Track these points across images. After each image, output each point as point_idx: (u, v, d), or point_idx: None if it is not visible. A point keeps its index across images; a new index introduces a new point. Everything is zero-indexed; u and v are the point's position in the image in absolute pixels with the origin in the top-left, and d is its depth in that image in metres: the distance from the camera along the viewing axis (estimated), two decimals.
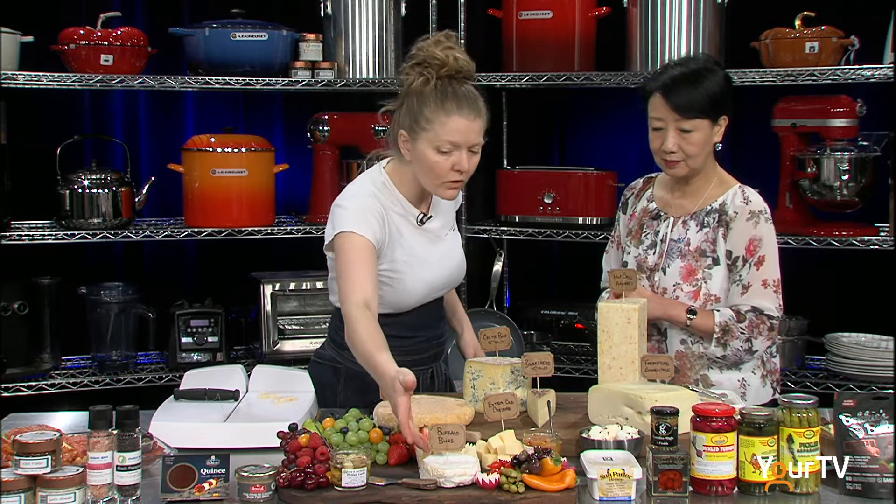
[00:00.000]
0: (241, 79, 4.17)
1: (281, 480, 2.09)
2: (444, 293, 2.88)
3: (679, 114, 2.80)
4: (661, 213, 2.98)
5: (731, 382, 2.84)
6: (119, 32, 4.10)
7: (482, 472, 2.09)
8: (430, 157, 2.60)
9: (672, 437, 2.14)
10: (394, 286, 2.70)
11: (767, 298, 2.80)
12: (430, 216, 2.76)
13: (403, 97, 2.64)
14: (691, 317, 2.81)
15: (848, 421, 2.15)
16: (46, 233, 4.08)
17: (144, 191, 4.23)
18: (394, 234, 2.68)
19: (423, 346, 2.83)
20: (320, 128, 4.29)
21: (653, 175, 3.06)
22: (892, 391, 2.27)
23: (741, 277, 2.82)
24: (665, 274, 2.90)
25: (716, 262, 2.86)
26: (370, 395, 2.57)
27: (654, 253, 2.94)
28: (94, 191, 4.11)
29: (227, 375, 2.77)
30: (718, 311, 2.80)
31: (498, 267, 4.36)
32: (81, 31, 4.06)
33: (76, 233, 4.06)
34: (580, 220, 4.26)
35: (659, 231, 2.96)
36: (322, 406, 2.74)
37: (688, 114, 2.79)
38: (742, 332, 2.78)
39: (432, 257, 2.75)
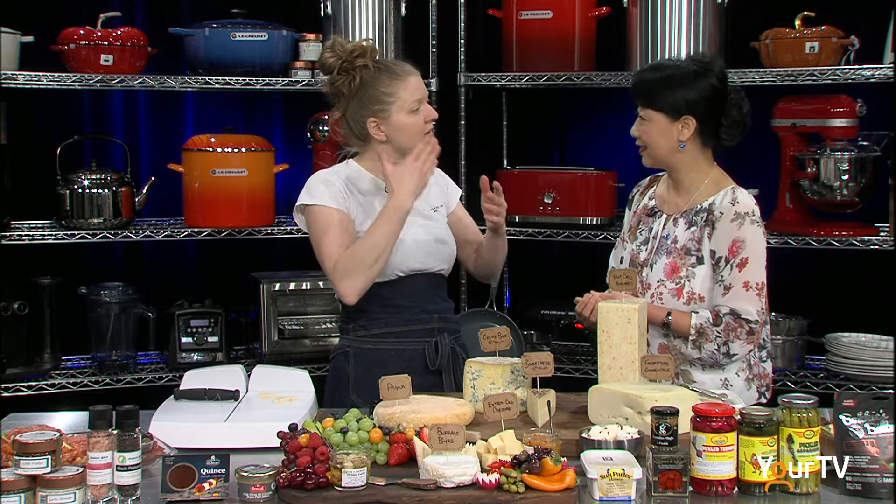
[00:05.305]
0: (241, 79, 4.17)
1: (281, 480, 2.09)
2: (433, 266, 2.95)
3: (635, 99, 2.92)
4: (657, 211, 3.01)
5: (714, 382, 2.84)
6: (119, 32, 4.10)
7: (482, 472, 2.09)
8: (406, 120, 2.88)
9: (672, 437, 2.14)
10: None
11: (748, 301, 2.79)
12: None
13: (349, 98, 2.90)
14: (668, 318, 2.82)
15: (848, 421, 2.15)
16: (46, 233, 4.08)
17: (144, 191, 4.23)
18: (360, 202, 2.91)
19: (422, 318, 2.93)
20: (320, 128, 4.28)
21: (660, 174, 3.08)
22: (892, 391, 2.27)
23: (723, 278, 2.82)
24: (652, 270, 2.92)
25: (700, 261, 2.86)
26: (377, 370, 2.67)
27: (646, 249, 2.96)
28: (94, 191, 4.11)
29: (227, 375, 2.77)
30: (697, 312, 2.81)
31: None
32: (81, 31, 4.06)
33: (76, 233, 4.06)
34: (580, 220, 4.27)
35: (653, 228, 2.99)
36: (338, 391, 2.84)
37: (640, 101, 2.91)
38: (718, 336, 2.78)
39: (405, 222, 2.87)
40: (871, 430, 2.13)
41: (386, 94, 2.87)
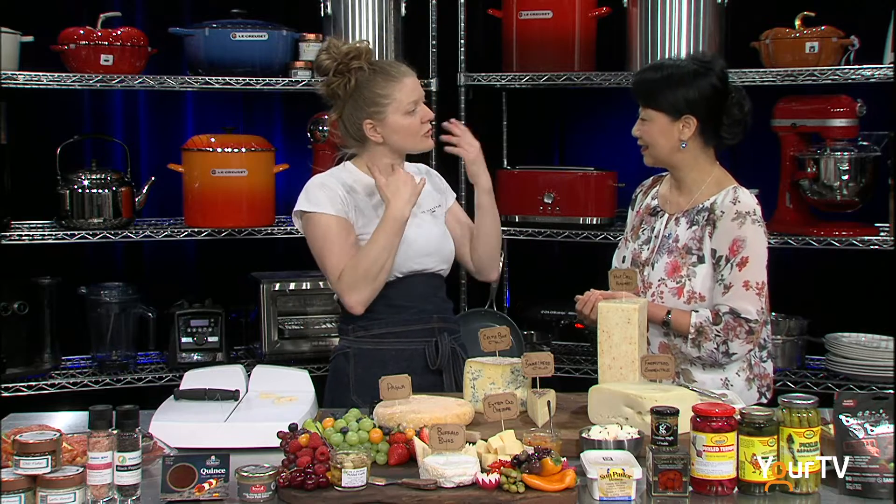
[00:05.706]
0: (241, 79, 4.17)
1: (281, 480, 2.09)
2: (432, 266, 2.96)
3: (636, 99, 2.93)
4: (659, 210, 3.01)
5: (714, 382, 2.84)
6: (119, 32, 4.10)
7: (482, 472, 2.09)
8: (403, 121, 2.89)
9: (672, 437, 2.14)
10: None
11: (748, 301, 2.79)
12: None
13: (345, 100, 2.92)
14: (668, 316, 2.82)
15: (848, 421, 2.15)
16: (46, 233, 4.08)
17: (144, 191, 4.23)
18: (358, 204, 2.91)
19: (422, 318, 2.94)
20: (320, 128, 4.28)
21: (663, 174, 3.08)
22: (892, 391, 2.27)
23: (723, 277, 2.82)
24: (653, 269, 2.92)
25: (701, 260, 2.86)
26: (378, 370, 2.68)
27: (648, 248, 2.96)
28: (94, 191, 4.11)
29: (227, 375, 2.77)
30: (696, 311, 2.81)
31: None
32: (81, 31, 4.06)
33: (76, 233, 4.06)
34: (580, 220, 4.27)
35: (655, 227, 2.98)
36: (338, 392, 2.85)
37: (641, 100, 2.92)
38: (717, 335, 2.78)
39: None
40: (871, 430, 2.13)
41: (381, 95, 2.88)
